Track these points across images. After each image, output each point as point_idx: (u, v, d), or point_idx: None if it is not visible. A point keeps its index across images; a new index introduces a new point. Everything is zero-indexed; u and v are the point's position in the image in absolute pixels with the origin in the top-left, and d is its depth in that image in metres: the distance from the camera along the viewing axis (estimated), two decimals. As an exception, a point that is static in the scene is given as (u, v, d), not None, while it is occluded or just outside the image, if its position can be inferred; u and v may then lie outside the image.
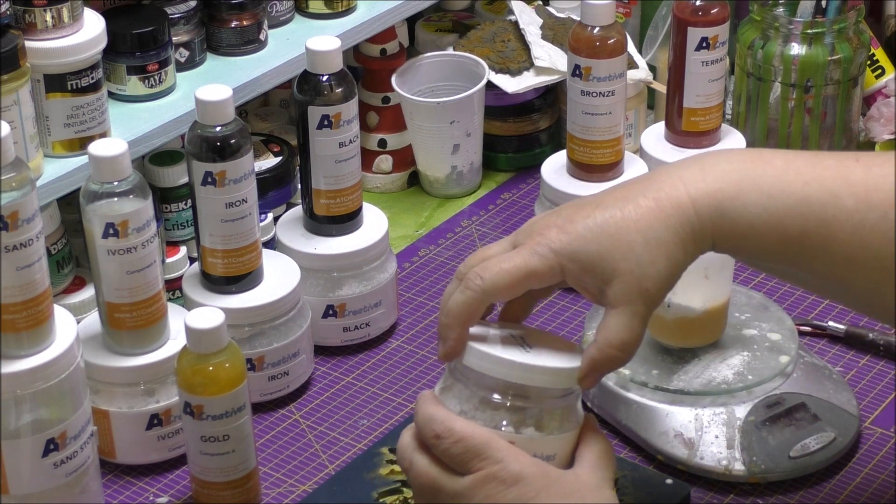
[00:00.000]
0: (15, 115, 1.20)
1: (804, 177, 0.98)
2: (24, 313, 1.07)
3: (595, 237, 0.98)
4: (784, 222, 0.97)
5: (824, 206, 0.97)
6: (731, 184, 0.98)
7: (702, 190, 0.98)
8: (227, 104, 1.21)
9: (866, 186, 0.97)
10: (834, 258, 0.97)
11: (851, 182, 0.97)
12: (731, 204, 0.97)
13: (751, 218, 0.97)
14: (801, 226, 0.97)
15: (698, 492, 1.19)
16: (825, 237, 0.97)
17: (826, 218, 0.97)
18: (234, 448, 1.14)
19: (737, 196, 0.97)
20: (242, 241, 1.26)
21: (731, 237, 0.98)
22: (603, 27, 1.38)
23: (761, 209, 0.97)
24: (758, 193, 0.97)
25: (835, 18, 1.53)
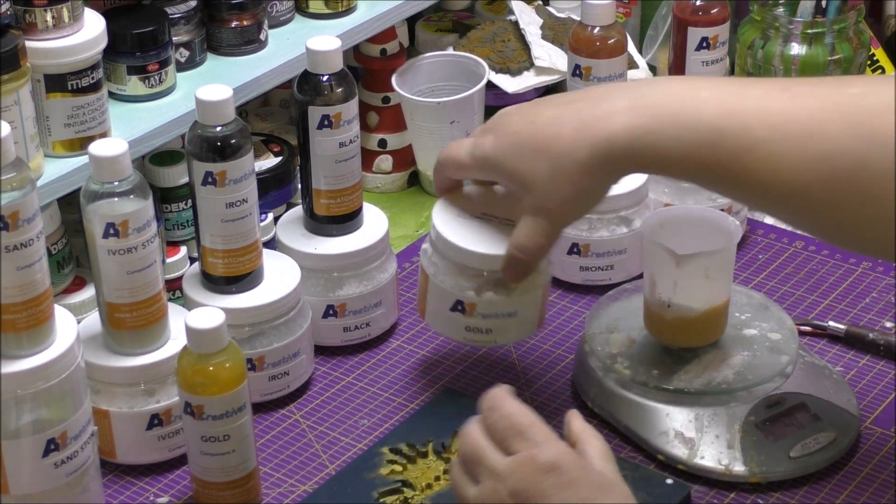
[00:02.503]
0: (15, 115, 1.19)
1: (724, 109, 1.03)
2: (24, 313, 1.07)
3: (515, 154, 1.12)
4: (700, 154, 1.03)
5: (737, 138, 1.01)
6: (653, 118, 1.05)
7: (622, 125, 1.06)
8: (227, 104, 1.21)
9: (784, 117, 1.00)
10: (751, 187, 1.02)
11: (769, 112, 1.01)
12: (646, 138, 1.05)
13: (667, 150, 1.04)
14: (716, 157, 1.02)
15: (698, 492, 1.19)
16: (739, 168, 1.02)
17: (739, 149, 1.01)
18: (235, 448, 1.14)
19: (655, 130, 1.04)
20: (243, 241, 1.26)
21: (651, 165, 1.07)
22: (603, 27, 1.38)
23: (676, 142, 1.04)
24: (674, 127, 1.04)
25: (835, 18, 1.54)
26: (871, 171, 0.96)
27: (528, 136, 1.11)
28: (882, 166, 0.96)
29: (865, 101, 0.99)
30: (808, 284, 1.44)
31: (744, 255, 1.48)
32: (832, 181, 0.98)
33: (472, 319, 1.22)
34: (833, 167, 0.98)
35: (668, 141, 1.04)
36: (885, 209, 0.96)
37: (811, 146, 0.99)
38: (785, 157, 1.00)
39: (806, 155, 0.99)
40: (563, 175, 1.09)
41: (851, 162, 0.97)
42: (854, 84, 1.02)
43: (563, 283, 1.45)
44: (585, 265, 1.43)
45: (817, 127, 0.99)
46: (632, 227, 1.42)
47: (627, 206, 1.42)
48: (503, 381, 1.31)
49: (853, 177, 0.97)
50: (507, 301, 1.20)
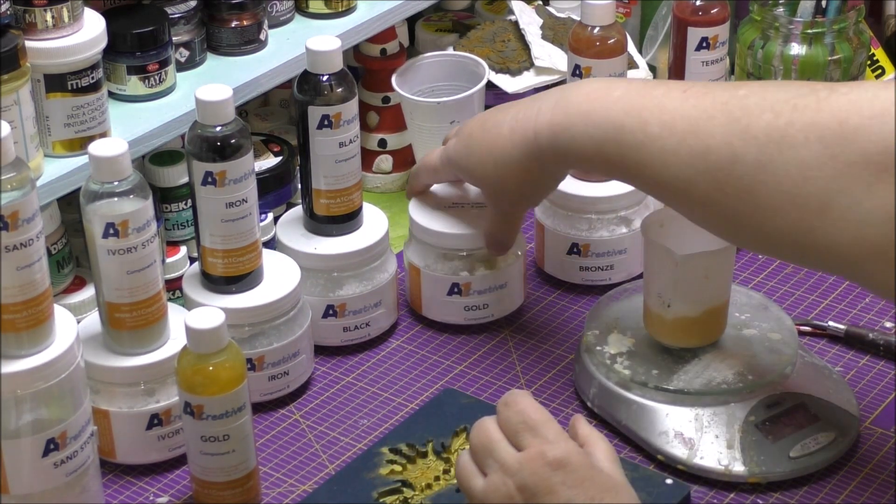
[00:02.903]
0: (15, 114, 1.19)
1: (627, 106, 1.11)
2: (24, 313, 1.07)
3: (468, 155, 1.26)
4: (606, 149, 1.12)
5: (634, 134, 1.10)
6: (570, 116, 1.15)
7: (545, 122, 1.17)
8: (227, 104, 1.21)
9: (674, 114, 1.07)
10: (648, 181, 1.11)
11: (664, 110, 1.08)
12: (563, 135, 1.15)
13: (578, 147, 1.14)
14: (618, 152, 1.11)
15: (698, 492, 1.19)
16: (637, 161, 1.10)
17: (636, 143, 1.09)
18: (235, 448, 1.14)
19: (570, 127, 1.15)
20: (242, 240, 1.26)
21: (569, 162, 1.20)
22: (603, 27, 1.38)
23: (587, 138, 1.13)
24: (585, 124, 1.13)
25: (835, 18, 1.54)
26: (744, 164, 1.02)
27: (478, 138, 1.25)
28: (754, 160, 1.01)
29: (748, 101, 1.04)
30: (808, 284, 1.44)
31: (744, 255, 1.48)
32: (711, 175, 1.04)
33: (469, 298, 1.36)
34: (711, 161, 1.04)
35: (581, 137, 1.14)
36: (759, 201, 1.02)
37: (694, 141, 1.05)
38: (672, 152, 1.07)
39: (690, 150, 1.05)
40: (505, 172, 1.22)
41: (728, 156, 1.03)
42: (743, 86, 1.07)
43: (563, 283, 1.45)
44: (585, 265, 1.43)
45: (703, 124, 1.05)
46: (632, 227, 1.42)
47: (627, 206, 1.42)
48: (503, 381, 1.32)
49: (729, 170, 1.03)
50: (498, 274, 1.36)
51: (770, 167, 1.01)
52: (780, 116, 1.01)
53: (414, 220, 1.37)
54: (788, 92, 1.03)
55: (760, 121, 1.02)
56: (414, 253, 1.38)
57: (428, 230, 1.35)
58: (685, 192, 1.07)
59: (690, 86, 1.10)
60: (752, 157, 1.02)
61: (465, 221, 1.35)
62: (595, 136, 1.13)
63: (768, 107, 1.02)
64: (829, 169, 0.99)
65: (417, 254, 1.38)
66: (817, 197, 0.99)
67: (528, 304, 1.43)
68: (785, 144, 1.00)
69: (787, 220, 1.01)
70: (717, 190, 1.04)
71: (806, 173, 0.99)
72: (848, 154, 0.98)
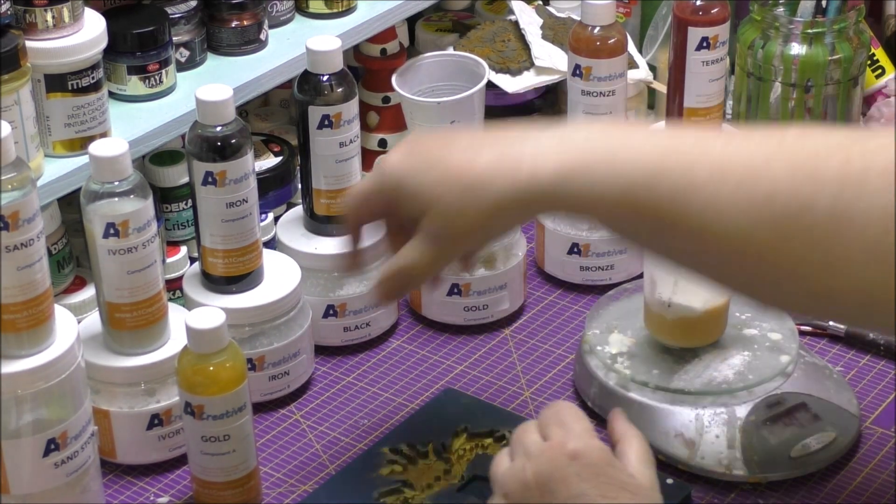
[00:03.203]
0: (15, 114, 1.19)
1: (661, 149, 0.97)
2: (24, 313, 1.07)
3: (422, 172, 1.04)
4: (634, 195, 0.96)
5: (677, 178, 0.95)
6: (585, 155, 0.98)
7: (552, 163, 0.98)
8: (227, 104, 1.21)
9: (721, 159, 0.95)
10: (689, 233, 0.95)
11: (708, 154, 0.96)
12: (580, 178, 0.97)
13: (598, 192, 0.97)
14: (653, 199, 0.95)
15: (699, 492, 1.19)
16: (677, 211, 0.95)
17: (678, 189, 0.95)
18: (235, 448, 1.14)
19: (587, 169, 0.97)
20: (243, 240, 1.26)
21: (577, 206, 0.99)
22: (603, 27, 1.38)
23: (611, 181, 0.97)
24: (609, 165, 0.97)
25: (835, 18, 1.53)
26: (816, 213, 0.91)
27: (439, 157, 1.04)
28: (828, 209, 0.91)
29: (806, 142, 0.94)
30: (809, 284, 1.44)
31: (744, 255, 1.48)
32: (775, 224, 0.92)
33: (469, 299, 1.36)
34: (777, 210, 0.92)
35: (602, 179, 0.97)
36: (831, 255, 0.91)
37: (753, 187, 0.93)
38: (728, 199, 0.93)
39: (749, 197, 0.93)
40: (472, 205, 1.02)
41: (796, 204, 0.92)
42: (790, 130, 0.97)
43: (564, 283, 1.45)
44: (585, 265, 1.43)
45: (761, 168, 0.93)
46: (632, 227, 1.42)
47: (627, 206, 1.42)
48: (503, 381, 1.32)
49: (798, 220, 0.92)
50: (498, 274, 1.35)
51: (847, 216, 0.90)
52: (852, 161, 0.91)
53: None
54: (845, 137, 0.93)
55: (830, 165, 0.91)
56: None
57: None
58: (740, 244, 0.94)
59: (727, 132, 0.99)
60: (824, 205, 0.90)
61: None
62: (621, 181, 0.96)
63: (835, 150, 0.92)
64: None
65: None
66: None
67: (528, 304, 1.43)
68: (865, 191, 0.90)
69: (863, 275, 0.90)
70: (782, 242, 0.92)
71: (888, 222, 0.89)
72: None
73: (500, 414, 1.27)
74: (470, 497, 1.17)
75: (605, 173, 0.97)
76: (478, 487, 1.18)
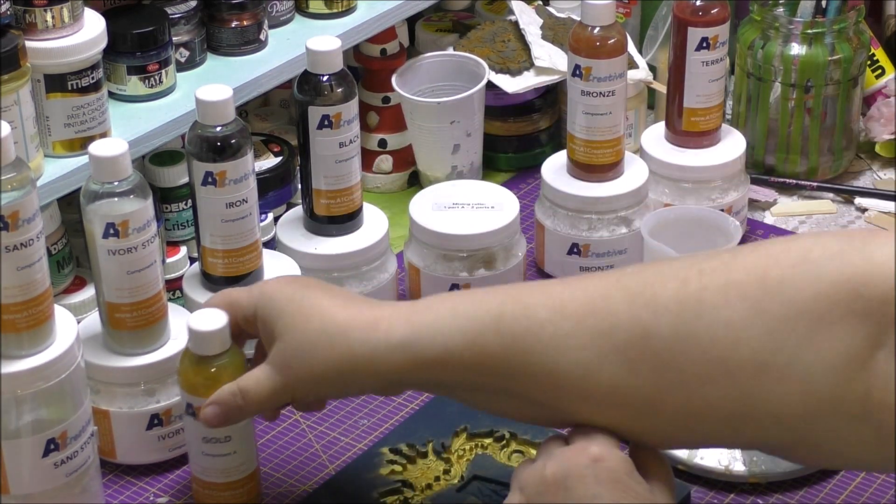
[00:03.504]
0: (15, 115, 1.19)
1: (501, 297, 0.99)
2: (24, 313, 1.07)
3: (287, 304, 1.05)
4: (483, 340, 0.97)
5: (518, 320, 0.97)
6: (430, 312, 1.00)
7: (401, 321, 1.00)
8: (227, 104, 1.21)
9: (562, 298, 0.97)
10: (537, 373, 0.97)
11: (548, 295, 0.98)
12: (427, 331, 0.99)
13: (446, 341, 0.98)
14: (499, 342, 0.97)
15: (698, 492, 1.19)
16: (524, 350, 0.96)
17: (521, 332, 0.97)
18: (236, 449, 1.14)
19: (432, 323, 0.99)
20: (243, 241, 1.26)
21: (424, 363, 0.99)
22: (603, 27, 1.38)
23: (457, 331, 0.98)
24: (452, 318, 0.99)
25: (835, 18, 1.54)
26: (659, 337, 0.93)
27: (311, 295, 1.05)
28: (671, 331, 0.92)
29: (643, 274, 0.96)
30: (808, 284, 1.44)
31: (744, 255, 1.48)
32: (621, 355, 0.94)
33: None
34: (621, 340, 0.94)
35: (448, 330, 0.98)
36: (683, 375, 0.92)
37: (594, 322, 0.95)
38: (569, 335, 0.95)
39: (591, 331, 0.95)
40: (324, 348, 1.02)
41: (639, 330, 0.93)
42: (628, 267, 0.99)
43: (563, 283, 1.45)
44: (585, 265, 1.43)
45: (599, 303, 0.95)
46: (632, 227, 1.42)
47: (627, 206, 1.42)
48: (503, 382, 1.31)
49: (642, 347, 0.93)
50: (497, 275, 1.34)
51: (692, 336, 0.92)
52: (689, 283, 0.93)
53: (414, 220, 1.37)
54: (683, 262, 0.95)
55: (666, 290, 0.93)
56: (414, 253, 1.38)
57: (428, 230, 1.35)
58: (588, 379, 0.95)
59: (570, 277, 1.01)
60: (667, 329, 0.92)
61: (466, 222, 1.35)
62: (468, 329, 0.98)
63: (671, 276, 0.94)
64: (760, 327, 0.90)
65: (417, 254, 1.38)
66: (751, 359, 0.90)
67: (529, 304, 1.42)
68: (704, 309, 0.92)
69: (718, 390, 0.92)
70: (629, 370, 0.94)
71: (734, 335, 0.91)
72: (777, 308, 0.90)
73: (500, 414, 1.27)
74: (470, 497, 1.17)
75: (451, 326, 0.98)
76: (477, 487, 1.18)
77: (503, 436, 1.23)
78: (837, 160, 1.60)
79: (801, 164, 1.60)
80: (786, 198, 1.59)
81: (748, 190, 1.50)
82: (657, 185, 1.47)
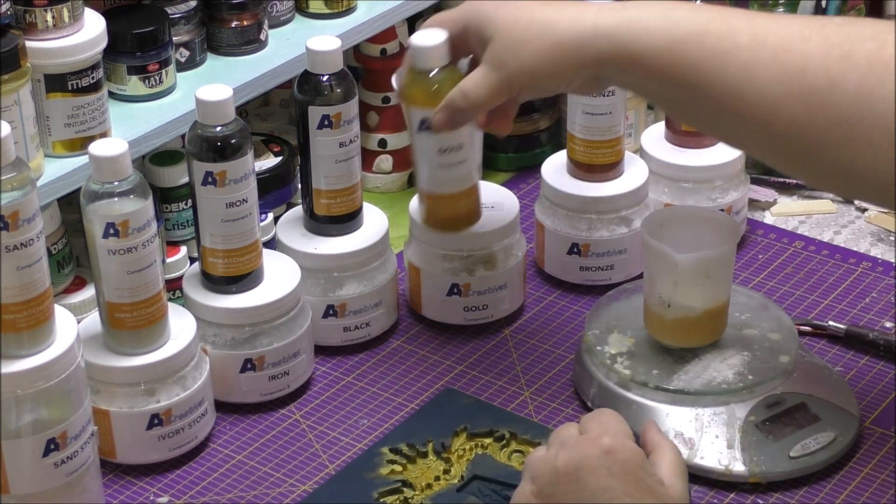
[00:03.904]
0: (15, 115, 1.20)
1: (711, 13, 1.04)
2: (24, 313, 1.08)
3: (494, 10, 1.13)
4: (681, 49, 1.03)
5: (721, 39, 1.02)
6: (641, 11, 1.06)
7: (611, 16, 1.07)
8: (227, 104, 1.21)
9: (766, 29, 1.01)
10: (724, 93, 1.02)
11: (752, 24, 1.02)
12: (635, 27, 1.05)
13: (650, 40, 1.04)
14: (696, 55, 1.02)
15: (698, 492, 1.19)
16: (717, 69, 1.02)
17: (720, 50, 1.02)
18: (467, 158, 1.23)
19: (642, 20, 1.05)
20: (243, 241, 1.26)
21: (626, 57, 1.06)
22: (603, 27, 1.38)
23: (662, 33, 1.04)
24: (663, 20, 1.04)
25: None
26: (843, 91, 0.96)
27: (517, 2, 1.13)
28: (855, 88, 0.96)
29: (846, 27, 0.99)
30: (808, 284, 1.44)
31: (744, 255, 1.48)
32: (804, 97, 0.98)
33: (469, 299, 1.36)
34: (807, 83, 0.98)
35: (655, 31, 1.04)
36: (853, 132, 0.96)
37: (788, 58, 0.99)
38: (762, 66, 1.00)
39: (783, 67, 0.99)
40: (533, 39, 1.10)
41: (825, 80, 0.97)
42: (836, 17, 1.04)
43: (564, 283, 1.45)
44: (585, 265, 1.43)
45: (797, 43, 0.99)
46: (632, 227, 1.42)
47: (627, 206, 1.42)
48: (503, 381, 1.32)
49: (826, 95, 0.97)
50: (498, 274, 1.35)
51: (871, 98, 0.95)
52: (885, 47, 0.95)
53: (414, 220, 1.37)
54: (887, 24, 0.97)
55: (862, 49, 0.96)
56: (414, 253, 1.38)
57: (427, 230, 1.35)
58: (769, 112, 0.99)
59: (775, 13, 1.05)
60: (852, 85, 0.96)
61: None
62: (673, 34, 1.03)
63: (870, 36, 0.97)
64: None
65: (417, 254, 1.38)
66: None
67: (528, 304, 1.43)
68: (890, 77, 0.94)
69: (880, 158, 0.95)
70: (807, 114, 0.98)
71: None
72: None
73: (500, 414, 1.27)
74: (470, 497, 1.17)
75: (658, 27, 1.04)
76: (477, 487, 1.18)
77: (503, 436, 1.23)
78: (837, 160, 1.60)
79: (801, 164, 1.60)
80: (786, 197, 1.59)
81: (748, 190, 1.50)
82: (657, 185, 1.47)
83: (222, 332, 1.27)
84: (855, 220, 1.55)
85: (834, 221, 1.55)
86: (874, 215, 1.55)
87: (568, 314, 1.42)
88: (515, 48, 1.11)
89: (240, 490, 1.21)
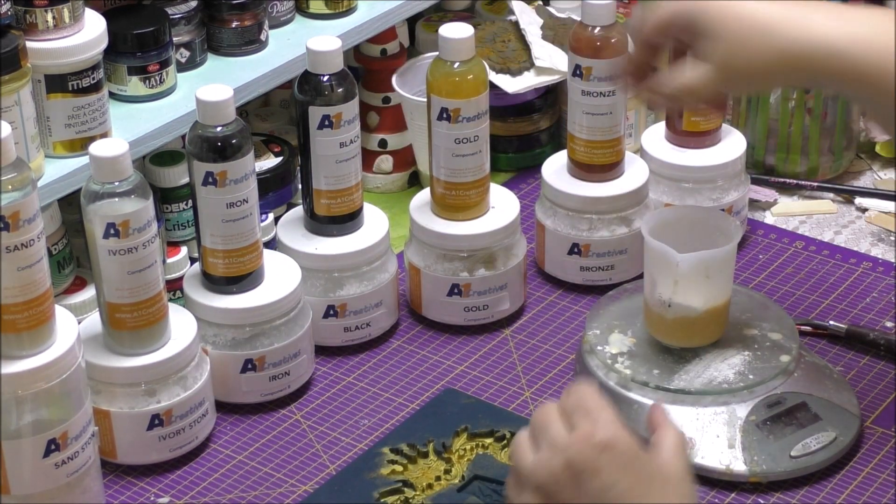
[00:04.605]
0: (16, 115, 1.20)
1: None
2: (25, 314, 1.08)
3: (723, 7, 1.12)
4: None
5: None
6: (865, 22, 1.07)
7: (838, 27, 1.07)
8: (227, 104, 1.21)
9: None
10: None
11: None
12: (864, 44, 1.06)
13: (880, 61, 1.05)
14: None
15: (699, 491, 1.19)
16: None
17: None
18: (481, 149, 1.32)
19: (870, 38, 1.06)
20: (243, 241, 1.26)
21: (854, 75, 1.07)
22: (604, 27, 1.38)
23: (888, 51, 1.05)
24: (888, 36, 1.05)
25: (835, 18, 1.53)
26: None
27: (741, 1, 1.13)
28: None
29: None
30: (809, 284, 1.44)
31: (744, 255, 1.48)
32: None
33: (469, 299, 1.36)
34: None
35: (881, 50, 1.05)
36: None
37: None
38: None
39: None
40: (756, 44, 1.10)
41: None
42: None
43: (563, 283, 1.45)
44: (585, 265, 1.43)
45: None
46: (632, 227, 1.42)
47: (627, 206, 1.42)
48: (503, 382, 1.32)
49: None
50: (498, 275, 1.35)
51: None
52: None
53: (414, 220, 1.37)
54: None
55: None
56: (414, 253, 1.38)
57: (428, 230, 1.35)
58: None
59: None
60: None
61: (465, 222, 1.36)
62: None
63: None
64: None
65: (418, 254, 1.38)
66: None
67: (529, 304, 1.43)
68: None
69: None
70: None
71: None
72: None
73: (501, 414, 1.27)
74: (470, 497, 1.17)
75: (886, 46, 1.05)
76: (478, 487, 1.18)
77: (503, 436, 1.23)
78: (838, 160, 1.60)
79: (801, 164, 1.60)
80: (786, 198, 1.59)
81: (748, 190, 1.50)
82: (657, 185, 1.47)
83: (223, 332, 1.27)
84: (855, 221, 1.55)
85: (834, 221, 1.55)
86: (874, 215, 1.55)
87: (568, 314, 1.42)
88: (738, 49, 1.11)
89: (240, 490, 1.21)
